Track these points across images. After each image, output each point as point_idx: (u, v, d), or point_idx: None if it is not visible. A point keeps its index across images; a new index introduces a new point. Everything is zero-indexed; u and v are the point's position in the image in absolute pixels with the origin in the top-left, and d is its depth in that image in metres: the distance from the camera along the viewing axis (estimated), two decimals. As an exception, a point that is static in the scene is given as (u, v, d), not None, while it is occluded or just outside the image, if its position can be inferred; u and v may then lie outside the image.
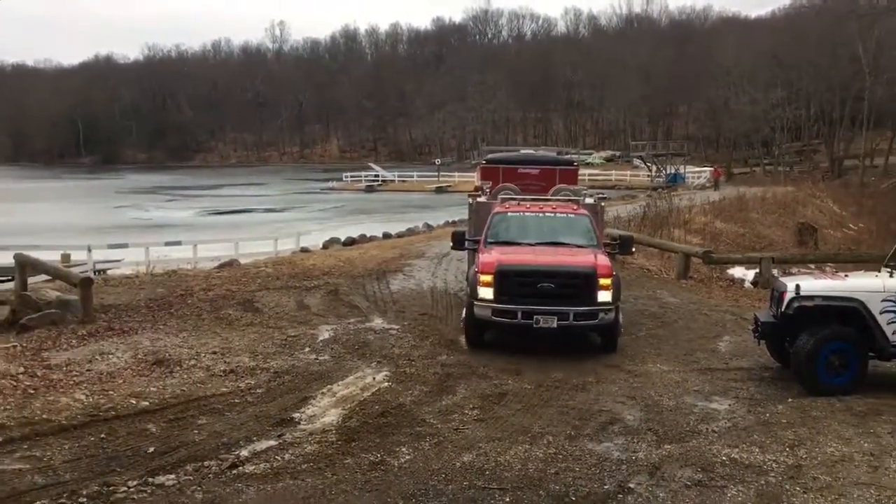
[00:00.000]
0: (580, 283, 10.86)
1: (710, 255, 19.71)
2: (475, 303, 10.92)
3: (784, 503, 6.25)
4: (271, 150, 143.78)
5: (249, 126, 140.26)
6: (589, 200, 14.11)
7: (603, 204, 14.60)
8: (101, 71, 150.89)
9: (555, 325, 10.66)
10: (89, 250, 23.12)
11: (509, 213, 12.64)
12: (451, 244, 13.16)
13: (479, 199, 13.93)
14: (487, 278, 10.85)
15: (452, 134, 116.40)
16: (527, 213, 12.66)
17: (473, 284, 11.05)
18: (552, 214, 12.70)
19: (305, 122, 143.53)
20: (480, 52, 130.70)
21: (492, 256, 11.18)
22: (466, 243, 12.77)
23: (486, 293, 10.84)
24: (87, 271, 18.34)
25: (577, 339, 11.47)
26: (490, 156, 17.83)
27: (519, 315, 10.72)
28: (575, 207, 12.88)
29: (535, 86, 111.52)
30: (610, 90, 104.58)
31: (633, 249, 12.75)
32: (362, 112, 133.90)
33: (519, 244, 11.85)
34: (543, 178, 15.77)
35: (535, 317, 10.68)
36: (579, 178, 17.76)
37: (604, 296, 10.85)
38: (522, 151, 18.29)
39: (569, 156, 20.00)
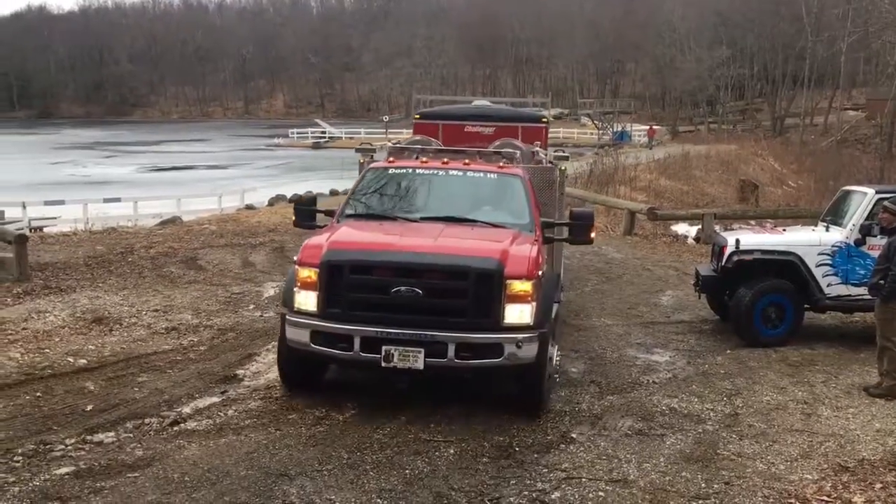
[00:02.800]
0: (467, 289, 6.45)
1: (654, 211, 19.98)
2: (287, 318, 6.76)
3: (720, 450, 6.42)
4: (214, 106, 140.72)
5: (191, 80, 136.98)
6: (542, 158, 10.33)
7: (563, 166, 10.07)
8: (34, 21, 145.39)
9: (420, 363, 6.38)
10: (24, 207, 22.48)
11: (391, 170, 8.32)
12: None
13: (374, 159, 9.23)
14: (308, 275, 6.63)
15: (401, 90, 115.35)
16: (419, 171, 8.22)
17: (289, 286, 6.93)
18: (460, 174, 8.11)
19: (250, 77, 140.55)
20: (428, 6, 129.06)
21: (322, 238, 7.03)
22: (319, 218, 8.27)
23: (307, 301, 6.65)
24: (21, 228, 17.79)
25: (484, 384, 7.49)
26: (426, 109, 13.87)
27: (356, 344, 6.43)
28: (500, 166, 8.34)
29: (483, 41, 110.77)
30: (558, 47, 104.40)
31: (593, 235, 8.32)
32: (308, 67, 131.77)
33: (394, 219, 7.56)
34: (502, 137, 11.30)
35: (384, 348, 6.36)
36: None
37: (516, 313, 6.52)
38: (475, 103, 13.93)
39: (535, 109, 15.44)
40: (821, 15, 63.33)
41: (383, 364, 6.42)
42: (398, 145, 9.80)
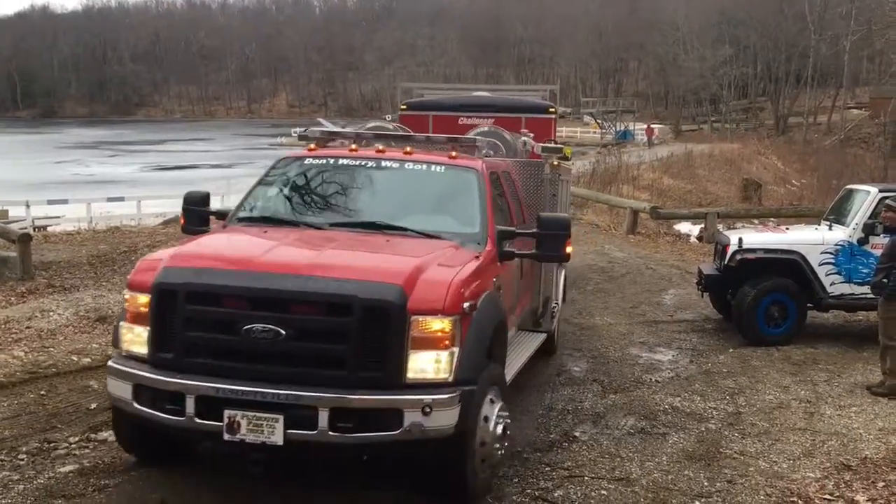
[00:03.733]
0: (350, 328, 4.53)
1: (657, 210, 19.97)
2: (110, 363, 4.99)
3: (723, 448, 6.42)
4: (217, 105, 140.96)
5: (194, 80, 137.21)
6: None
7: (554, 160, 8.19)
8: (37, 21, 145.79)
9: (278, 436, 4.46)
10: (28, 206, 22.50)
11: (307, 160, 6.43)
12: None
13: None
14: (140, 303, 4.84)
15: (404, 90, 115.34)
16: (343, 161, 6.29)
17: (120, 318, 5.10)
18: (395, 166, 6.21)
19: (252, 76, 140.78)
20: (431, 5, 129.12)
21: (162, 254, 5.21)
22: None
23: (134, 340, 4.87)
24: (25, 227, 17.83)
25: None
26: (413, 99, 12.06)
27: (189, 406, 4.54)
28: (452, 156, 6.40)
29: (486, 41, 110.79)
30: (561, 46, 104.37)
31: (570, 250, 6.45)
32: (311, 66, 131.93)
33: (296, 226, 5.77)
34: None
35: (227, 413, 4.49)
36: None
37: (425, 363, 4.63)
38: (476, 94, 12.21)
39: (541, 95, 12.98)
40: (824, 13, 63.27)
41: (226, 436, 4.44)
42: (327, 129, 7.41)
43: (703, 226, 19.36)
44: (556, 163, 8.12)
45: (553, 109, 11.53)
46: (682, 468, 5.97)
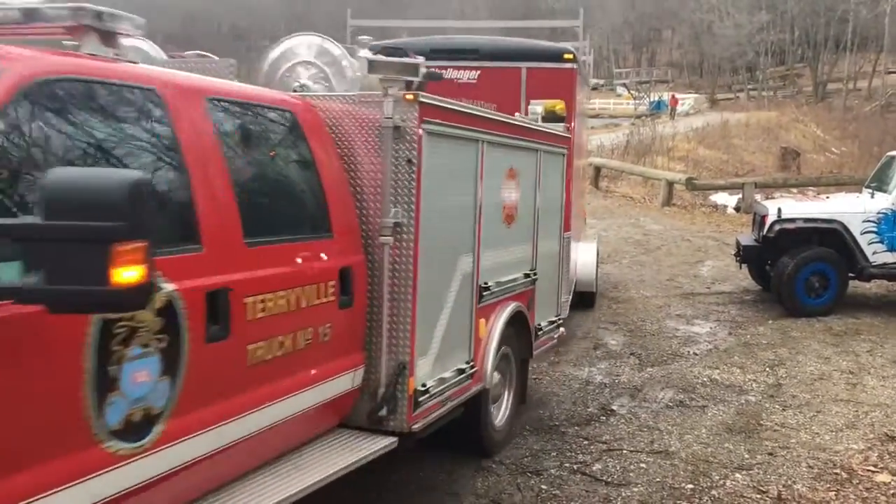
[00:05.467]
0: None
1: (692, 181, 19.75)
2: None
3: (763, 420, 6.36)
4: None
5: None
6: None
7: (410, 91, 4.17)
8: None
9: None
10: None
11: None
12: None
13: None
14: None
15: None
16: None
17: None
18: None
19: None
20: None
21: None
22: None
23: None
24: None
25: None
26: (374, 48, 5.63)
27: None
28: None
29: (515, 11, 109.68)
30: (593, 17, 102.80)
31: (134, 279, 2.29)
32: (341, 44, 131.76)
33: None
34: (493, 90, 7.68)
35: None
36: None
37: None
38: (459, 39, 8.95)
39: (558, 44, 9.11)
40: (864, -25, 61.58)
41: None
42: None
43: (740, 196, 19.09)
44: (409, 97, 4.10)
45: (571, 56, 8.13)
46: (722, 441, 5.93)
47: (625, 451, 5.67)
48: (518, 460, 5.49)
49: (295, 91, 4.49)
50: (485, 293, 5.05)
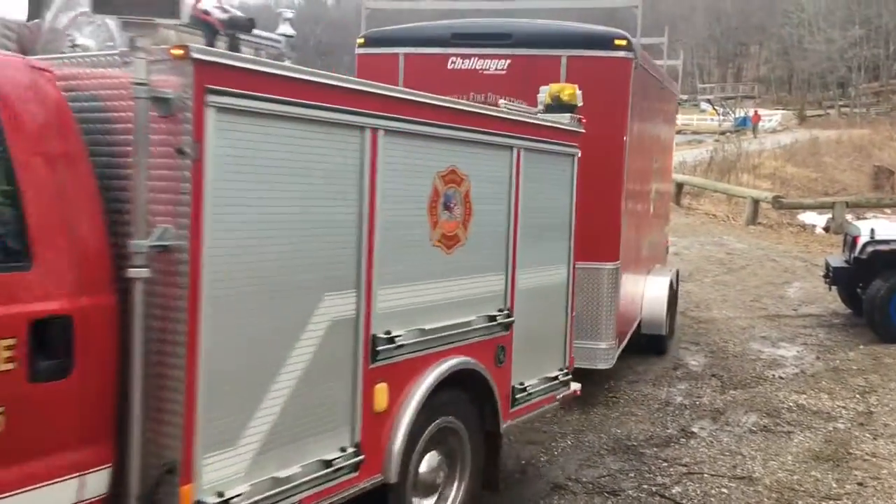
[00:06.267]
0: None
1: (780, 200, 19.24)
2: None
3: (853, 449, 6.12)
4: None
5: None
6: None
7: (184, 48, 2.75)
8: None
9: None
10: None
11: None
12: None
13: None
14: None
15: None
16: None
17: None
18: None
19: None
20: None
21: None
22: None
23: None
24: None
25: None
26: (376, 29, 7.40)
27: None
28: None
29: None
30: (677, 31, 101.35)
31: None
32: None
33: None
34: (525, 83, 6.02)
35: None
36: None
37: None
38: (487, 22, 7.48)
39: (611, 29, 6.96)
40: (967, -12, 59.00)
41: None
42: None
43: (830, 216, 18.48)
44: (177, 52, 2.74)
45: (624, 43, 6.49)
46: (809, 468, 5.73)
47: (706, 475, 5.53)
48: (595, 479, 5.42)
49: (65, 52, 3.41)
50: (383, 347, 3.57)
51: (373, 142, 3.45)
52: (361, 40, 7.16)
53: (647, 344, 8.20)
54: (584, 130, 5.16)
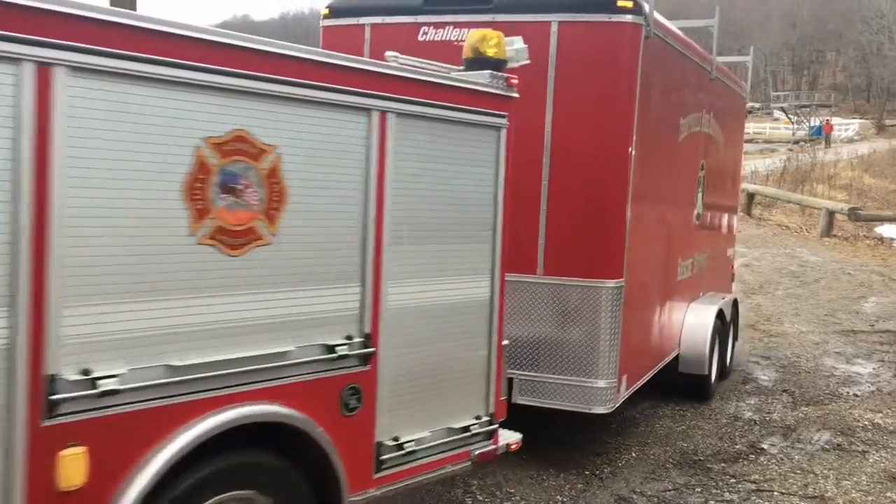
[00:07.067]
0: None
1: (856, 211, 18.66)
2: None
3: (932, 473, 5.89)
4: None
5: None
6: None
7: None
8: (238, 29, 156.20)
9: None
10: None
11: None
12: None
13: None
14: None
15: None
16: None
17: None
18: None
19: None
20: None
21: None
22: None
23: None
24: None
25: None
26: (343, 0, 6.07)
27: None
28: None
29: None
30: (751, 37, 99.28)
31: None
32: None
33: None
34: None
35: None
36: None
37: None
38: None
39: None
40: None
41: None
42: None
43: (909, 229, 17.86)
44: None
45: (629, 5, 5.21)
46: (885, 489, 5.54)
47: (775, 493, 5.40)
48: (660, 493, 5.33)
49: None
50: (72, 395, 2.45)
51: (39, 82, 2.29)
52: (326, 11, 6.07)
53: (684, 385, 6.97)
54: (515, 95, 4.04)
